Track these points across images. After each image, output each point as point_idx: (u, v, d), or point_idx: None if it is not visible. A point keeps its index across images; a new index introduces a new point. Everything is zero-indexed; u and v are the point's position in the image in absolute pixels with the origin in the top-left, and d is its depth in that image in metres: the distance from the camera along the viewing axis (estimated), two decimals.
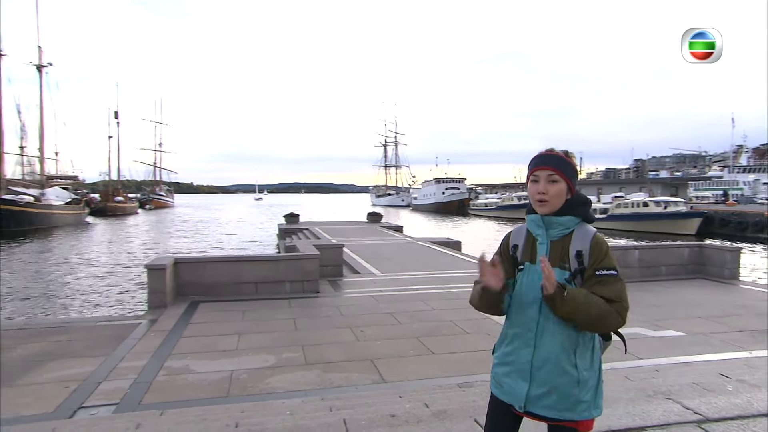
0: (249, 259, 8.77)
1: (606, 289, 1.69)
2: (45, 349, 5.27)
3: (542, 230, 1.82)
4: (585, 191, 29.97)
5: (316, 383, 4.32)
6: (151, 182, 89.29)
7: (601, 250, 1.74)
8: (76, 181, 54.25)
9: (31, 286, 14.69)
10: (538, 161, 1.81)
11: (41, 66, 43.23)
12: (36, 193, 38.86)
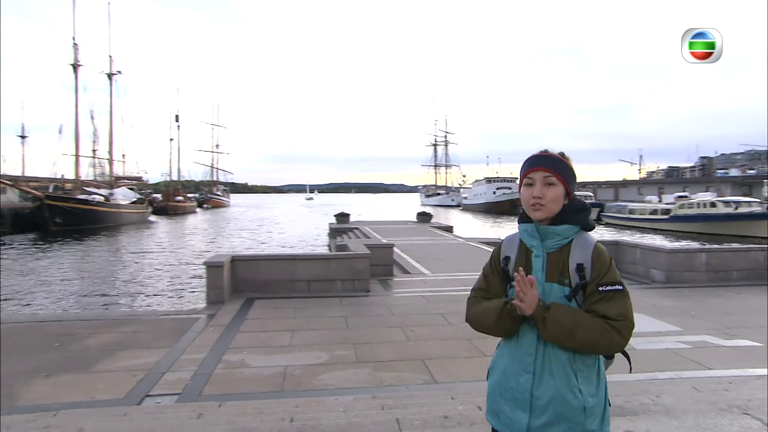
0: (302, 258, 8.97)
1: (610, 306, 1.53)
2: (115, 339, 5.60)
3: (537, 241, 1.64)
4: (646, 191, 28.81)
5: (367, 381, 4.35)
6: (208, 182, 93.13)
7: (604, 263, 1.58)
8: (141, 182, 57.53)
9: (102, 280, 15.68)
10: (533, 162, 1.65)
11: (111, 74, 46.12)
12: (106, 193, 41.49)
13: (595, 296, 1.55)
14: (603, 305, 1.53)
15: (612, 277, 1.57)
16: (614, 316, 1.52)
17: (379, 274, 9.39)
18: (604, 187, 68.73)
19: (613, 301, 1.54)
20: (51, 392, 4.06)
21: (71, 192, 39.17)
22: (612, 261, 1.61)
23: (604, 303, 1.54)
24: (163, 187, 70.13)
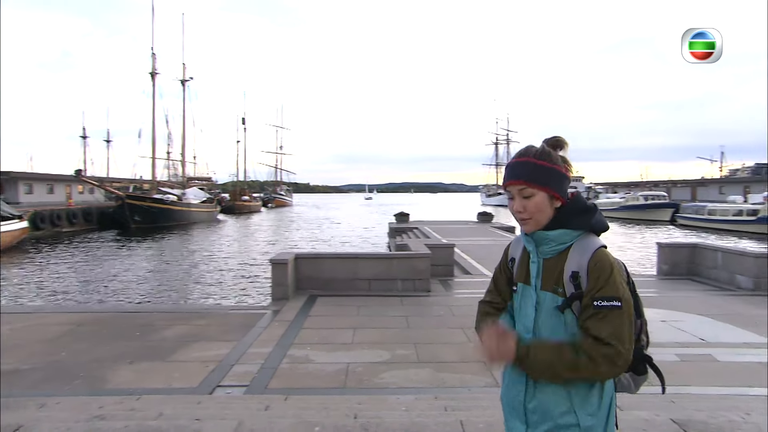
0: (363, 257, 9.06)
1: (602, 326, 1.35)
2: (189, 331, 5.92)
3: (533, 247, 1.53)
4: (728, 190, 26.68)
5: (429, 381, 4.33)
6: (272, 183, 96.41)
7: (602, 272, 1.39)
8: (210, 182, 60.52)
9: (176, 275, 16.67)
10: (507, 174, 1.52)
11: (184, 81, 48.80)
12: (179, 193, 44.01)
13: (588, 311, 1.38)
14: (595, 323, 1.36)
15: (610, 291, 1.38)
16: (605, 338, 1.34)
17: (440, 275, 9.33)
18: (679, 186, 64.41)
19: (606, 320, 1.36)
20: (134, 378, 4.36)
21: (148, 192, 41.93)
22: (615, 271, 1.41)
23: (596, 321, 1.37)
24: (230, 187, 73.40)
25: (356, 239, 30.13)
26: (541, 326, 1.48)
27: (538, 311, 1.48)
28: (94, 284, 15.27)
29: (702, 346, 5.28)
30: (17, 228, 24.23)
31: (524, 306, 1.53)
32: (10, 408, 3.46)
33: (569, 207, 1.49)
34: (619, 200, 53.38)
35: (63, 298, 13.30)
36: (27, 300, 13.07)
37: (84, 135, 67.98)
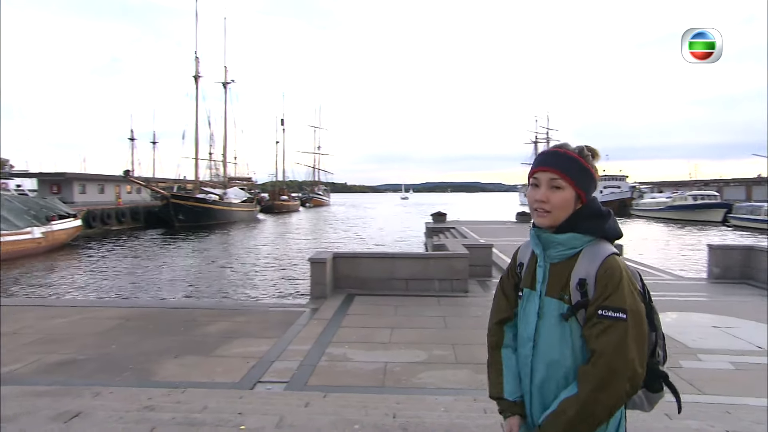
0: (401, 256, 9.06)
1: (602, 339, 1.27)
2: (230, 327, 6.07)
3: (540, 249, 1.46)
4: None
5: (467, 383, 4.29)
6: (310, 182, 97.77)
7: (611, 280, 1.31)
8: (250, 182, 61.97)
9: (217, 272, 17.15)
10: (540, 160, 1.45)
11: (226, 83, 50.09)
12: (220, 193, 45.25)
13: (592, 320, 1.31)
14: (595, 335, 1.29)
15: (617, 300, 1.29)
16: (601, 351, 1.26)
17: (478, 275, 9.22)
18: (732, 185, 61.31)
19: (606, 333, 1.27)
20: (179, 371, 4.51)
21: (191, 192, 43.27)
22: (625, 281, 1.32)
23: (597, 332, 1.29)
24: (269, 187, 74.89)
25: (392, 239, 30.17)
26: (543, 335, 1.41)
27: (540, 318, 1.41)
28: (141, 280, 15.91)
29: (759, 354, 5.01)
30: (72, 226, 25.51)
31: (527, 312, 1.46)
32: (70, 395, 3.66)
33: (582, 210, 1.42)
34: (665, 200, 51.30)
35: (112, 293, 13.91)
36: (80, 294, 13.74)
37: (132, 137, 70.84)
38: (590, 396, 1.27)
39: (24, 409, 3.37)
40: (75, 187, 40.10)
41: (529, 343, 1.42)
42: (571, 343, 1.36)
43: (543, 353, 1.40)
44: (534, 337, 1.42)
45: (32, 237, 21.31)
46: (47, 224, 22.68)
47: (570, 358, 1.37)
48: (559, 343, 1.37)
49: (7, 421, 3.18)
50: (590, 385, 1.27)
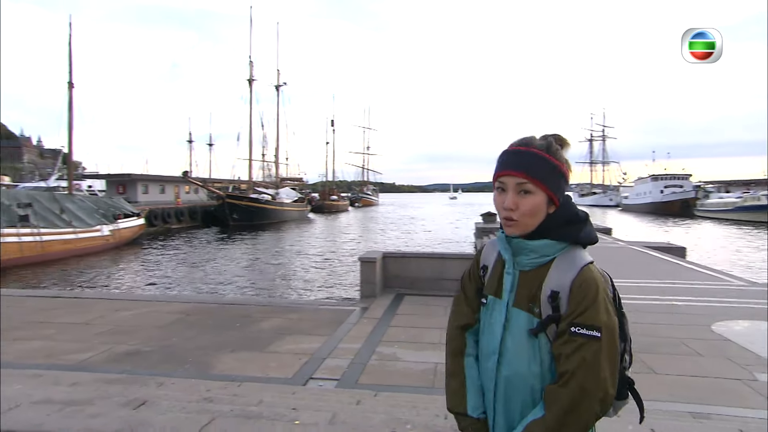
0: (450, 257, 8.99)
1: (573, 359, 1.16)
2: (282, 324, 6.24)
3: (509, 255, 1.32)
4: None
5: None
6: (359, 182, 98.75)
7: (587, 295, 1.19)
8: (301, 182, 63.34)
9: (270, 270, 17.65)
10: (505, 161, 1.28)
11: (279, 86, 51.43)
12: (273, 193, 46.54)
13: (563, 338, 1.20)
14: (567, 354, 1.18)
15: (591, 318, 1.18)
16: (573, 371, 1.16)
17: None
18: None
19: (580, 353, 1.16)
20: (236, 365, 4.68)
21: (245, 192, 44.75)
22: (601, 295, 1.20)
23: (569, 351, 1.18)
24: (319, 187, 76.28)
25: (441, 239, 29.98)
26: (509, 349, 1.29)
27: (507, 331, 1.29)
28: (198, 276, 16.63)
29: None
30: (136, 224, 27.04)
31: (491, 323, 1.33)
32: (137, 383, 3.89)
33: (556, 215, 1.28)
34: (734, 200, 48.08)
35: (173, 288, 14.61)
36: (143, 289, 14.53)
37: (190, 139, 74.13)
38: (559, 419, 1.18)
39: (98, 394, 3.62)
40: (138, 187, 42.42)
41: (494, 357, 1.31)
42: (540, 359, 1.26)
43: (509, 368, 1.28)
44: (499, 350, 1.30)
45: (101, 234, 22.74)
46: (114, 222, 24.15)
47: (538, 375, 1.26)
48: (527, 358, 1.26)
49: (84, 404, 3.42)
50: (559, 408, 1.18)
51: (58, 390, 3.73)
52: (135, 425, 3.09)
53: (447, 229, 37.46)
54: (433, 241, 28.65)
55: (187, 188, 48.04)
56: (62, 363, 4.61)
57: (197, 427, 3.08)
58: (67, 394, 3.65)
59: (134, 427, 3.07)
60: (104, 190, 42.01)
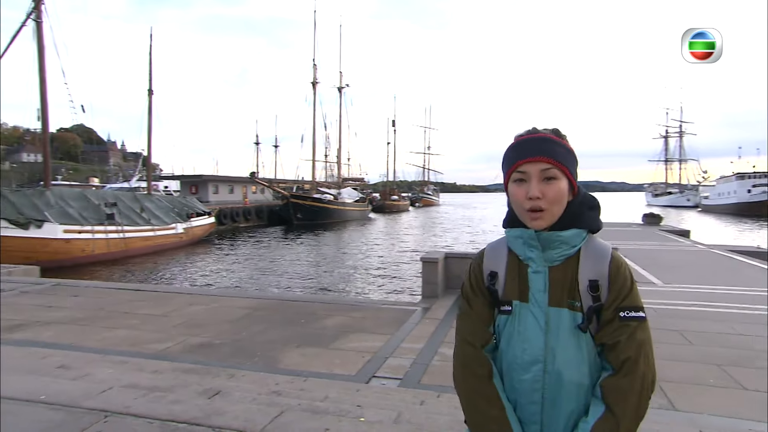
0: None
1: (632, 343, 1.14)
2: (346, 322, 6.34)
3: (537, 252, 1.22)
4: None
5: None
6: (420, 182, 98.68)
7: (625, 279, 1.19)
8: (363, 182, 64.30)
9: (333, 268, 18.04)
10: (525, 149, 1.20)
11: (341, 88, 52.44)
12: (335, 193, 47.53)
13: (614, 324, 1.17)
14: (623, 340, 1.15)
15: (635, 299, 1.18)
16: (635, 358, 1.14)
17: None
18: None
19: (634, 336, 1.15)
20: (301, 361, 4.81)
21: (309, 192, 46.00)
22: (633, 277, 1.21)
23: (624, 336, 1.15)
24: (380, 187, 77.02)
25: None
26: (557, 351, 1.20)
27: (548, 333, 1.21)
28: (264, 273, 17.29)
29: None
30: (207, 223, 28.53)
31: (523, 330, 1.23)
32: (210, 374, 4.11)
33: (579, 201, 1.25)
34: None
35: (241, 284, 15.29)
36: (214, 284, 15.31)
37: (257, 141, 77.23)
38: (634, 411, 1.14)
39: (177, 382, 3.86)
40: (209, 187, 44.72)
41: (537, 365, 1.21)
42: (586, 356, 1.20)
43: (560, 375, 1.19)
44: (544, 357, 1.20)
45: (176, 232, 24.20)
46: (188, 221, 25.62)
47: (588, 375, 1.20)
48: (576, 358, 1.19)
49: (166, 391, 3.66)
50: (632, 401, 1.14)
51: (142, 376, 4.01)
52: (211, 413, 3.27)
53: None
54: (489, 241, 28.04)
55: (254, 188, 50.06)
56: (144, 351, 4.95)
57: (268, 418, 3.21)
58: (150, 380, 3.92)
59: (210, 414, 3.24)
60: (179, 191, 44.66)
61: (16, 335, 5.56)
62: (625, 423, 1.14)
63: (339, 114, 52.47)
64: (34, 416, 3.28)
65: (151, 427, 3.10)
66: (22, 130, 77.48)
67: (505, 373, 1.27)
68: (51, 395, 3.61)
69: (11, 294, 7.74)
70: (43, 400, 3.52)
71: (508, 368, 1.26)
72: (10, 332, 5.67)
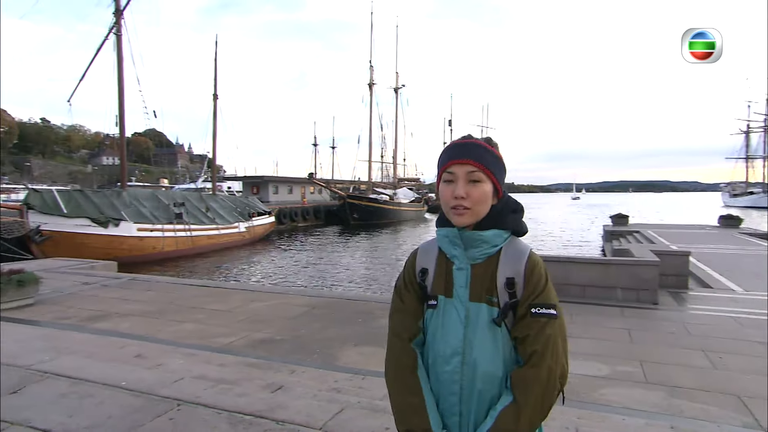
0: (577, 260, 8.45)
1: (539, 337, 1.22)
2: None
3: (460, 250, 1.32)
4: None
5: (661, 407, 3.80)
6: None
7: (540, 278, 1.28)
8: (418, 183, 64.12)
9: (388, 268, 18.13)
10: (454, 152, 1.31)
11: (397, 88, 52.65)
12: (390, 193, 47.77)
13: (526, 320, 1.25)
14: (532, 334, 1.23)
15: (548, 297, 1.27)
16: (542, 351, 1.22)
17: (670, 286, 8.13)
18: None
19: (543, 331, 1.23)
20: (359, 359, 4.87)
21: (365, 192, 46.49)
22: (548, 276, 1.30)
23: (534, 332, 1.23)
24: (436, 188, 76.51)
25: (563, 241, 28.35)
26: (474, 344, 1.29)
27: (467, 327, 1.29)
28: (322, 271, 17.66)
29: None
30: (268, 222, 29.54)
31: (446, 324, 1.32)
32: (272, 369, 4.25)
33: (503, 204, 1.36)
34: None
35: (300, 282, 15.70)
36: (274, 281, 15.81)
37: (315, 143, 78.89)
38: (537, 400, 1.21)
39: (242, 376, 4.03)
40: (270, 188, 46.26)
41: (456, 357, 1.29)
42: (502, 349, 1.28)
43: (476, 366, 1.28)
44: (463, 349, 1.29)
45: (239, 231, 25.22)
46: (249, 220, 26.63)
47: (502, 366, 1.28)
48: (492, 351, 1.28)
49: (232, 384, 3.83)
50: (534, 389, 1.21)
51: (210, 368, 4.21)
52: (274, 407, 3.38)
53: (570, 232, 35.31)
54: (555, 244, 27.21)
55: (312, 189, 51.26)
56: (211, 345, 5.19)
57: (329, 414, 3.27)
58: (217, 372, 4.11)
59: (274, 408, 3.35)
60: (241, 191, 46.51)
61: (98, 325, 6.00)
62: (527, 411, 1.21)
63: (395, 114, 52.70)
64: (117, 400, 3.53)
65: (220, 417, 3.25)
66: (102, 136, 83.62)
67: (431, 365, 1.35)
68: (131, 382, 3.87)
69: (94, 287, 8.37)
70: (123, 386, 3.78)
71: (433, 361, 1.34)
72: (93, 322, 6.14)
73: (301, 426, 3.12)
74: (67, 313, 6.54)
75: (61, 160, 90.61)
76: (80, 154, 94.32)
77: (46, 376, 3.99)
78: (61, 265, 10.39)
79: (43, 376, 4.00)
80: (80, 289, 8.14)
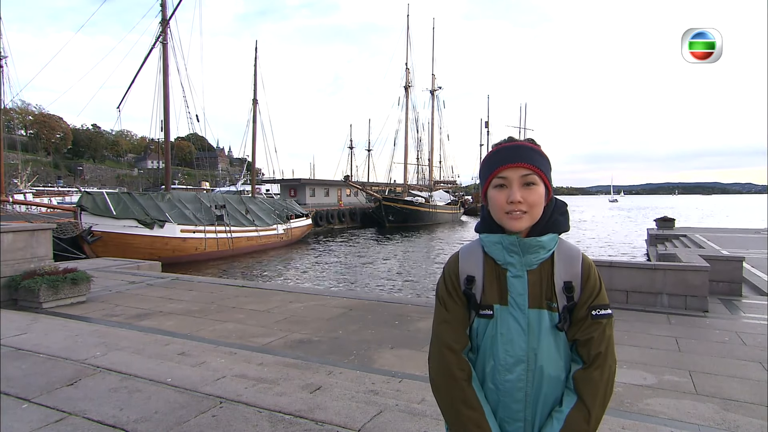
0: (620, 265, 8.18)
1: (602, 339, 1.24)
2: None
3: (517, 257, 1.28)
4: None
5: (713, 420, 3.63)
6: None
7: (596, 279, 1.28)
8: (455, 185, 63.60)
9: (423, 271, 18.06)
10: (506, 156, 1.26)
11: (433, 90, 52.45)
12: (426, 195, 47.61)
13: (587, 322, 1.26)
14: (596, 336, 1.24)
15: (603, 298, 1.28)
16: (605, 353, 1.24)
17: (721, 293, 7.76)
18: None
19: (606, 332, 1.25)
20: (395, 362, 4.87)
21: (401, 194, 46.51)
22: (601, 277, 1.31)
23: (597, 333, 1.25)
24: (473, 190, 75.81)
25: (604, 244, 27.50)
26: (539, 351, 1.27)
27: (530, 334, 1.27)
28: (358, 273, 17.75)
29: None
30: (305, 224, 29.97)
31: (508, 331, 1.28)
32: (310, 369, 4.30)
33: (554, 206, 1.32)
34: None
35: (337, 283, 15.83)
36: (311, 283, 16.01)
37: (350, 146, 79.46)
38: (603, 400, 1.24)
39: (281, 375, 4.09)
40: (307, 190, 46.90)
41: (521, 366, 1.27)
42: (563, 353, 1.29)
43: (542, 372, 1.28)
44: (526, 357, 1.27)
45: (277, 233, 25.69)
46: (287, 222, 27.08)
47: (564, 370, 1.29)
48: (555, 356, 1.28)
49: (272, 383, 3.90)
50: (600, 389, 1.23)
51: (250, 367, 4.30)
52: (313, 407, 3.42)
53: (611, 234, 34.22)
54: (596, 247, 26.44)
55: (348, 191, 51.65)
56: (251, 344, 5.30)
57: (368, 416, 3.28)
58: (257, 372, 4.20)
59: (313, 408, 3.39)
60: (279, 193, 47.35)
61: (143, 322, 6.23)
62: (596, 411, 1.23)
63: (431, 117, 52.54)
64: (162, 396, 3.65)
65: (261, 416, 3.31)
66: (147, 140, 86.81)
67: (488, 374, 1.33)
68: (175, 379, 4.00)
69: (140, 286, 8.70)
70: (169, 383, 3.91)
71: (492, 370, 1.31)
72: (139, 319, 6.38)
73: (340, 427, 3.15)
74: (116, 311, 6.83)
75: (109, 164, 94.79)
76: (127, 158, 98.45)
77: (98, 371, 4.17)
78: (109, 265, 10.86)
79: (96, 370, 4.19)
80: (127, 288, 8.48)
